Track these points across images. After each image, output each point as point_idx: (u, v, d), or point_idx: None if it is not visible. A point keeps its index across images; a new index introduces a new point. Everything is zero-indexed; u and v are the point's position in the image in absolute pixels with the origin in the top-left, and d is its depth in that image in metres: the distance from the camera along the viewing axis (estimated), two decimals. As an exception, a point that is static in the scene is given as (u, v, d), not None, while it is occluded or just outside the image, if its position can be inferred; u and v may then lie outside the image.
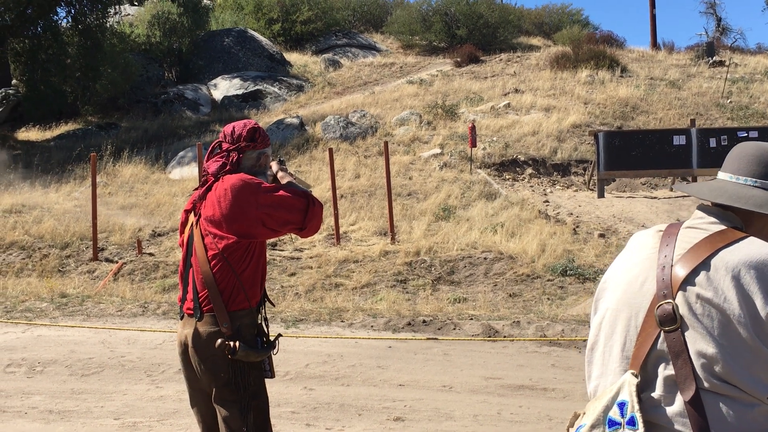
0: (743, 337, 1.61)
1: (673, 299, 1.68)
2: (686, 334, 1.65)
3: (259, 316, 3.06)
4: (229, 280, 2.95)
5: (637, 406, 1.63)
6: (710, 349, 1.62)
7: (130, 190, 15.27)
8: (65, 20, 22.13)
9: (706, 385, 1.62)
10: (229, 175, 3.04)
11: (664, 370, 1.67)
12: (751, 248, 1.67)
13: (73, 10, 21.45)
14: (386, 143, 13.32)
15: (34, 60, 20.83)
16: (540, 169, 16.44)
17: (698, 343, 1.64)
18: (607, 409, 1.68)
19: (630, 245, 1.91)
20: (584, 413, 1.75)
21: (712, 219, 1.79)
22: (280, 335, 3.19)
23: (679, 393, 1.64)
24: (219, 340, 2.89)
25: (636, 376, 1.68)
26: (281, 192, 3.02)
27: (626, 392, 1.66)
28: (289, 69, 25.51)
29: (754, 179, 1.80)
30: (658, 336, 1.68)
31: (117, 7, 23.17)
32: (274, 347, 3.06)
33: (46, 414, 5.17)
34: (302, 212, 3.02)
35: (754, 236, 1.73)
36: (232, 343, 2.88)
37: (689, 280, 1.68)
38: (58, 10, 21.51)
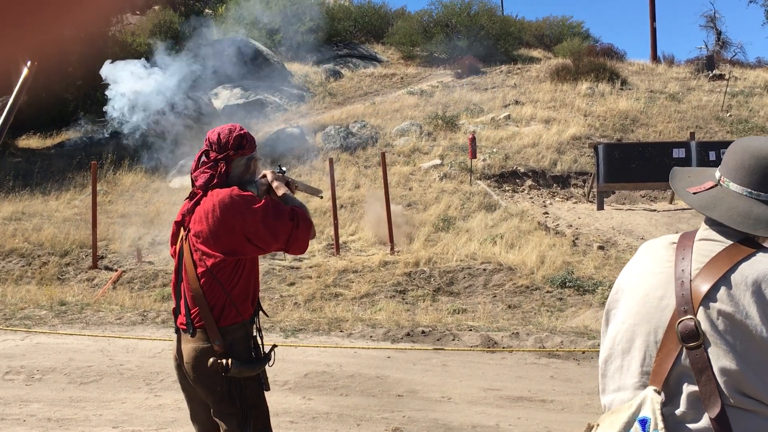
0: (766, 352, 1.59)
1: (695, 315, 1.65)
2: (709, 350, 1.63)
3: (254, 327, 3.01)
4: (219, 297, 2.90)
5: (661, 424, 1.61)
6: (734, 365, 1.60)
7: (130, 199, 15.28)
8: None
9: (731, 401, 1.60)
10: (218, 189, 2.96)
11: (688, 387, 1.64)
12: None
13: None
14: (383, 154, 13.34)
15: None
16: (540, 180, 16.46)
17: (721, 360, 1.62)
18: (628, 425, 1.65)
19: (642, 255, 1.87)
20: (598, 425, 1.73)
21: (726, 229, 1.76)
22: (275, 346, 3.14)
23: (704, 410, 1.61)
24: (211, 359, 2.85)
25: (659, 392, 1.65)
26: (269, 215, 2.92)
27: (648, 409, 1.64)
28: (290, 79, 25.57)
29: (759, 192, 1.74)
30: (680, 352, 1.66)
31: (119, 15, 23.24)
32: (269, 359, 3.01)
33: (44, 422, 5.16)
34: (285, 235, 2.95)
35: (765, 245, 1.71)
36: (224, 361, 2.84)
37: (710, 296, 1.65)
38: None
